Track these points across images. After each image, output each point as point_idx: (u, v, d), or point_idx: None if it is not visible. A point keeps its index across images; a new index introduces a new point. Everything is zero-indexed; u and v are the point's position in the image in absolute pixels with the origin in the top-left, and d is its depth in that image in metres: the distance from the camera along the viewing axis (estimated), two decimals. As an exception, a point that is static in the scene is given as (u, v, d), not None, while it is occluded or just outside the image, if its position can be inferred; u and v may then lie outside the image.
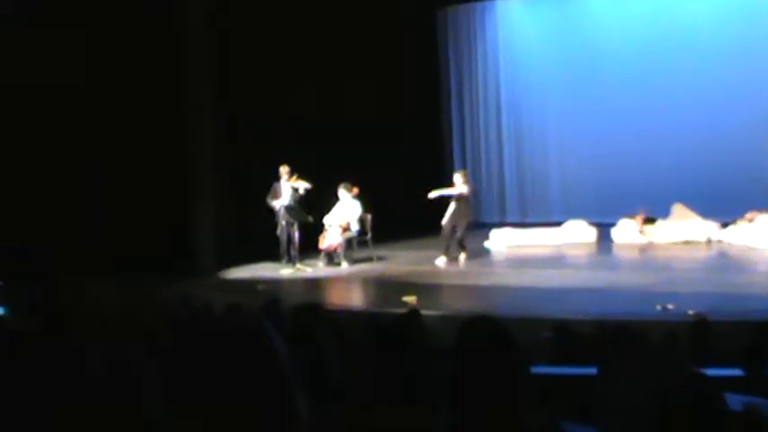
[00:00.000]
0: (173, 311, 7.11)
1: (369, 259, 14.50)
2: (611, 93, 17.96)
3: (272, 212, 13.97)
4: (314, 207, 14.07)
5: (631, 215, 15.50)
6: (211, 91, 14.49)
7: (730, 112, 16.76)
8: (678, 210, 15.54)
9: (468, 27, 20.09)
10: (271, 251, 14.17)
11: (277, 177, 13.93)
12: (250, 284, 12.78)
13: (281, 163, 13.87)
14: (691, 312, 8.40)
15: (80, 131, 13.74)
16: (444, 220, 13.91)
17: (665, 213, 15.63)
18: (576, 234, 15.76)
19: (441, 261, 13.80)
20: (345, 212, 14.30)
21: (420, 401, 3.17)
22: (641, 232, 15.25)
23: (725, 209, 15.52)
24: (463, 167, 18.25)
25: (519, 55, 19.48)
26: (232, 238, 14.70)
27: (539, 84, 19.14)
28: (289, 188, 13.84)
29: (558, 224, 16.21)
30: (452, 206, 13.88)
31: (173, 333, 4.52)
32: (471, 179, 19.84)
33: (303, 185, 13.80)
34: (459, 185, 13.94)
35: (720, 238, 14.73)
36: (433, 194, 13.85)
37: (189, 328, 5.00)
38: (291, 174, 13.83)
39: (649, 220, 15.42)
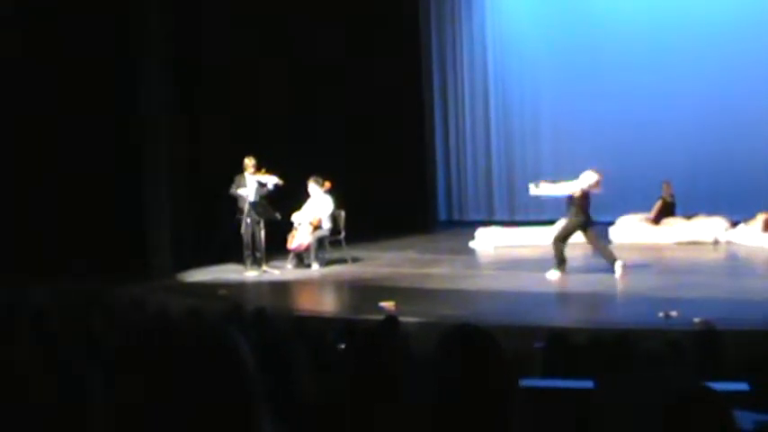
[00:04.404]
0: (123, 316, 7.09)
1: (342, 260, 14.48)
2: (611, 78, 17.92)
3: (234, 209, 13.89)
4: (282, 203, 14.02)
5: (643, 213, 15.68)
6: (171, 78, 14.37)
7: (743, 100, 16.83)
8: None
9: (452, 5, 20.06)
10: (234, 251, 14.11)
11: (240, 170, 13.85)
12: (210, 288, 12.73)
13: (247, 155, 13.79)
14: (696, 320, 8.44)
15: (22, 118, 13.58)
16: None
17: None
18: (571, 234, 15.78)
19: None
20: (316, 209, 14.26)
21: (397, 417, 3.17)
22: (647, 220, 15.45)
23: (735, 206, 15.60)
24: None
25: (508, 36, 19.47)
26: (190, 236, 14.63)
27: (530, 66, 19.15)
28: (254, 182, 13.76)
29: (551, 223, 16.21)
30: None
31: (122, 340, 4.49)
32: (454, 173, 19.93)
33: (273, 180, 13.73)
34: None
35: (730, 239, 14.81)
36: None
37: (141, 334, 4.97)
38: (258, 167, 13.77)
39: (670, 206, 15.58)
